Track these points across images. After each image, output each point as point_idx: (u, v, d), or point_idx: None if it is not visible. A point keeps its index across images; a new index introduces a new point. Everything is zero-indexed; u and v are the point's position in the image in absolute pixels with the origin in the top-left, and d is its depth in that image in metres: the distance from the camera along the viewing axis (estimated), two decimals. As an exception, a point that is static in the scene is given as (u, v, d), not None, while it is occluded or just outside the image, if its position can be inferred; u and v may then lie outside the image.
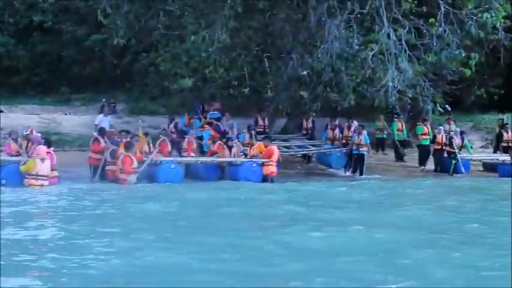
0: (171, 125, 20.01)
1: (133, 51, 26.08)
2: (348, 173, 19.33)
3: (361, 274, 6.70)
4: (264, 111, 21.38)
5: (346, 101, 19.11)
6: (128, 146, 14.98)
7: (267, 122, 21.05)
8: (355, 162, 19.05)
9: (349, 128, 20.16)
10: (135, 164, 14.73)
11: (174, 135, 18.82)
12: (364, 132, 19.39)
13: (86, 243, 8.15)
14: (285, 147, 19.84)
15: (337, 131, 20.43)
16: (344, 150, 19.48)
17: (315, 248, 8.02)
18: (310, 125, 21.37)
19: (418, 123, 21.59)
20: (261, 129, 20.28)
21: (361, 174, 18.81)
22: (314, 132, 21.45)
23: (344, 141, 20.02)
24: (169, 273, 6.70)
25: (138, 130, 17.14)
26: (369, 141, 19.32)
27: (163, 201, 12.15)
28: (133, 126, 20.18)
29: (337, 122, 21.04)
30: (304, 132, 21.36)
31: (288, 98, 20.28)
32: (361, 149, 18.97)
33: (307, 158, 20.88)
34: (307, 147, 20.40)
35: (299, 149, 20.26)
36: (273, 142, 17.55)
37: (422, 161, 20.55)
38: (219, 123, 19.49)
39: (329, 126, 20.78)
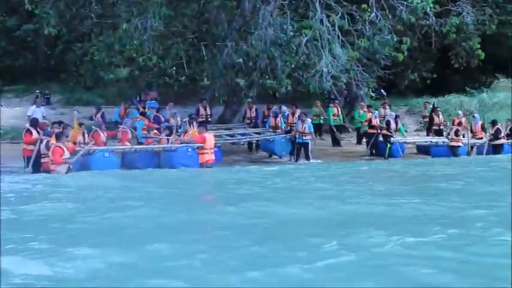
0: (98, 115, 19.79)
1: (65, 40, 25.56)
2: (292, 161, 19.24)
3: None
4: (205, 100, 21.30)
5: (282, 87, 19.22)
6: (59, 137, 14.71)
7: (208, 111, 21.00)
8: (298, 150, 18.91)
9: (293, 114, 20.21)
10: (67, 154, 14.43)
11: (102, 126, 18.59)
12: (308, 120, 19.33)
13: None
14: (228, 135, 19.83)
15: (279, 118, 20.44)
16: (288, 137, 19.44)
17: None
18: (253, 114, 21.50)
19: (364, 110, 21.88)
20: (203, 119, 20.22)
21: (307, 159, 18.77)
22: (258, 121, 21.53)
23: (289, 127, 19.94)
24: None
25: (73, 121, 16.87)
26: (312, 130, 19.27)
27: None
28: (68, 117, 19.84)
29: (274, 109, 21.17)
30: (248, 121, 21.46)
31: (224, 86, 20.22)
32: (305, 137, 18.89)
33: (249, 145, 20.87)
34: (250, 135, 20.43)
35: (242, 137, 20.26)
36: (216, 131, 17.37)
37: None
38: (158, 114, 19.26)
39: (271, 115, 20.72)
